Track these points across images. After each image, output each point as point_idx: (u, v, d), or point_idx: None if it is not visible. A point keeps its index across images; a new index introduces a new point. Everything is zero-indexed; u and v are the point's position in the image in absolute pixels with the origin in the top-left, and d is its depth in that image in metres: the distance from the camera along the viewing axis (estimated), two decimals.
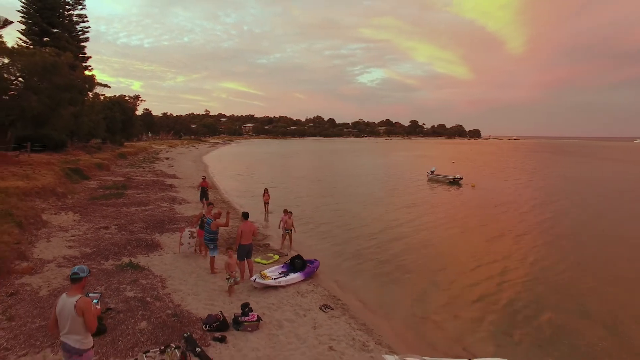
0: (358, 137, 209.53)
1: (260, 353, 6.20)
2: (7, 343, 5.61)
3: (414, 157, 64.95)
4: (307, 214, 18.52)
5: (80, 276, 4.19)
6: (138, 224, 13.40)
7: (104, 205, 16.42)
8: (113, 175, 26.97)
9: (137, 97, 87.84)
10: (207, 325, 6.76)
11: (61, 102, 21.97)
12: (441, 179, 31.11)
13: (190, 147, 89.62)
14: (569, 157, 73.43)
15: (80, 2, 36.53)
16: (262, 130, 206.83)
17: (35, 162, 20.87)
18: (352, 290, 9.69)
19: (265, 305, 8.09)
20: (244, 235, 9.30)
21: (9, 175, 15.96)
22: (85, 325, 4.06)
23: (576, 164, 57.18)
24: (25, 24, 31.77)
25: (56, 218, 13.01)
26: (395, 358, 6.11)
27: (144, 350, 5.60)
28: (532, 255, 12.79)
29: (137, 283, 8.26)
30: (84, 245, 10.44)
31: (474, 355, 6.72)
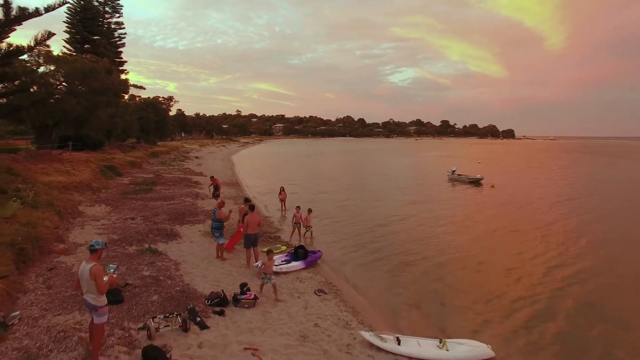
0: (388, 137, 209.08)
1: (252, 325, 7.14)
2: (45, 305, 6.88)
3: (440, 157, 64.45)
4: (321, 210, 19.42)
5: (95, 248, 5.29)
6: (161, 216, 14.79)
7: (133, 199, 18.06)
8: (144, 173, 29.08)
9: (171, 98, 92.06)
10: (209, 301, 7.80)
11: (98, 104, 24.20)
12: (461, 179, 31.23)
13: (220, 146, 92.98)
14: (602, 158, 70.54)
15: (118, 11, 39.56)
16: (292, 130, 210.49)
17: (75, 160, 23.06)
18: (348, 279, 10.49)
19: (265, 287, 9.03)
20: (250, 225, 10.32)
21: (52, 171, 17.95)
22: (97, 287, 5.14)
23: (608, 164, 54.86)
24: (69, 33, 34.92)
25: (90, 209, 14.66)
26: (371, 334, 6.90)
27: (152, 317, 6.68)
28: (520, 249, 13.34)
29: (154, 265, 9.47)
30: (112, 232, 11.86)
31: (447, 336, 7.35)
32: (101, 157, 27.57)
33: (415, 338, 7.02)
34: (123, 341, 6.02)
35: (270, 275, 8.39)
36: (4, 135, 38.17)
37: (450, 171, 33.02)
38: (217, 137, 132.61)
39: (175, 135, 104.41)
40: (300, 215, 13.92)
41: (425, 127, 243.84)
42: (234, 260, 10.84)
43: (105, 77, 24.71)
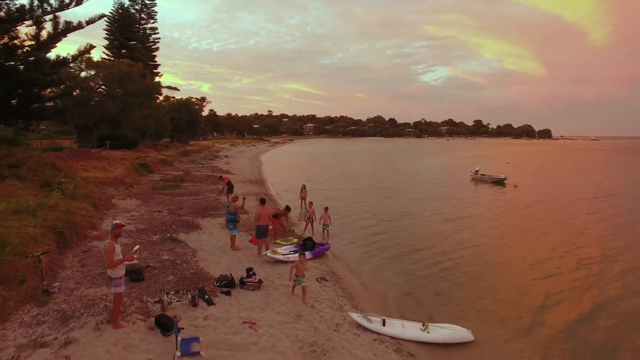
0: (419, 137, 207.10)
1: (254, 304, 8.05)
2: (79, 279, 8.13)
3: (468, 158, 63.55)
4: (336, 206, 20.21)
5: (110, 228, 6.40)
6: (185, 209, 16.11)
7: (161, 194, 19.60)
8: (174, 170, 31.00)
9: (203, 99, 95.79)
10: (218, 282, 8.79)
11: (133, 106, 26.21)
12: (484, 179, 31.11)
13: (250, 146, 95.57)
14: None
15: (153, 17, 42.24)
16: (322, 130, 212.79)
17: (112, 158, 25.11)
18: (352, 269, 11.22)
19: (272, 274, 9.94)
20: (261, 217, 11.28)
21: (91, 168, 19.83)
22: (107, 262, 6.21)
23: None
24: (108, 40, 37.80)
25: (122, 202, 16.22)
26: (359, 315, 7.64)
27: (166, 292, 7.75)
28: (523, 245, 13.53)
29: (173, 251, 10.63)
30: (140, 223, 13.22)
31: (431, 319, 7.93)
32: (135, 156, 29.69)
33: (401, 321, 7.68)
34: (140, 310, 7.11)
35: (302, 278, 8.38)
36: (52, 135, 41.77)
37: (474, 171, 32.92)
38: (249, 137, 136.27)
39: (208, 135, 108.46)
40: (313, 210, 14.74)
41: (458, 127, 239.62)
42: (247, 250, 11.82)
43: (139, 80, 26.75)
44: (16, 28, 15.42)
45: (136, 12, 40.94)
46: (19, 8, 15.45)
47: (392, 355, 6.61)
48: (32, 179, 12.12)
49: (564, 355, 6.98)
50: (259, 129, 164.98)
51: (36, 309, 6.64)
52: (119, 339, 6.11)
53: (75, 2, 16.07)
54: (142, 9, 41.44)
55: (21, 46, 15.56)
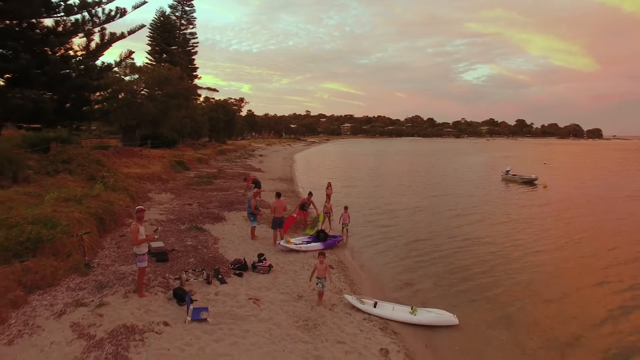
0: (457, 138, 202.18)
1: (261, 285, 9.09)
2: (115, 258, 9.56)
3: (505, 158, 62.25)
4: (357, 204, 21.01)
5: (135, 212, 7.67)
6: (214, 203, 17.55)
7: (194, 189, 21.28)
8: (209, 168, 33.01)
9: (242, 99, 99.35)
10: (232, 265, 9.93)
11: (171, 107, 28.38)
12: (515, 179, 30.86)
13: (286, 145, 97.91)
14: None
15: (192, 22, 45.09)
16: (359, 130, 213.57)
17: (152, 155, 27.36)
18: (360, 260, 11.99)
19: (284, 260, 10.96)
20: (276, 210, 12.38)
21: (132, 165, 21.93)
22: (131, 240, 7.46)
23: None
24: (151, 45, 40.92)
25: (157, 196, 17.96)
26: (353, 298, 8.46)
27: (185, 271, 8.98)
28: (527, 241, 13.53)
29: (197, 238, 11.94)
30: (170, 214, 14.75)
31: (423, 304, 8.57)
32: (174, 154, 31.98)
33: (392, 304, 8.40)
34: (162, 285, 8.37)
35: (324, 280, 8.24)
36: (102, 134, 45.62)
37: (504, 171, 32.70)
38: (286, 137, 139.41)
39: (246, 135, 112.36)
40: (330, 206, 15.59)
41: (499, 126, 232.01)
42: (264, 240, 12.91)
43: (177, 83, 28.91)
44: (71, 40, 17.61)
45: (176, 18, 43.94)
46: (73, 23, 17.63)
47: (377, 332, 7.37)
48: (80, 173, 13.99)
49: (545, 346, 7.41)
50: (297, 128, 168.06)
51: (79, 278, 8.07)
52: (142, 305, 7.36)
53: (120, 14, 18.02)
54: (182, 15, 44.41)
55: (74, 56, 17.75)
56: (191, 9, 45.20)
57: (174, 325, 6.80)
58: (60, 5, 17.52)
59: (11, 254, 7.30)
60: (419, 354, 6.81)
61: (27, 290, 6.96)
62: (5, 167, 12.41)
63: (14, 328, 6.04)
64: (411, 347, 7.00)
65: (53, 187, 11.39)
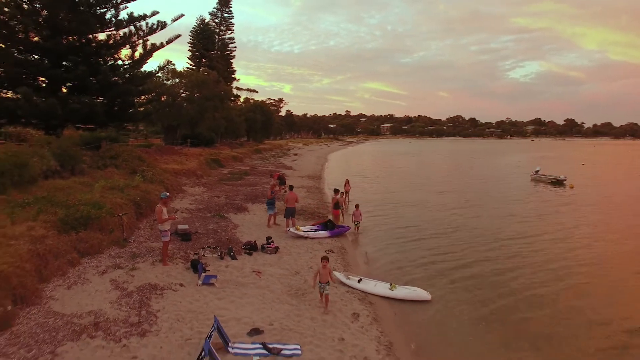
0: (500, 138, 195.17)
1: (266, 262, 10.73)
2: (147, 236, 11.62)
3: (542, 158, 60.39)
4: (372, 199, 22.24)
5: (161, 197, 9.55)
6: (240, 196, 19.54)
7: (225, 184, 23.50)
8: (243, 165, 35.46)
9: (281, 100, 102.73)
10: (244, 246, 11.66)
11: (207, 108, 31.03)
12: (543, 179, 30.68)
13: (322, 145, 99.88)
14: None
15: (230, 28, 48.19)
16: (399, 130, 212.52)
17: (190, 154, 30.09)
18: (362, 247, 13.32)
19: (291, 245, 12.54)
20: (289, 200, 14.03)
21: (171, 162, 24.54)
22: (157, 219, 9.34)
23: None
24: (191, 51, 44.39)
25: (191, 189, 20.26)
26: (341, 274, 9.87)
27: (202, 248, 10.83)
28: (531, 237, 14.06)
29: (218, 224, 13.84)
30: (199, 204, 16.85)
31: (406, 284, 9.79)
32: (211, 152, 34.72)
33: (375, 281, 9.71)
34: (182, 258, 10.24)
35: (326, 284, 8.10)
36: (148, 134, 49.89)
37: (534, 171, 32.56)
38: (324, 137, 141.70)
39: (285, 134, 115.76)
40: (343, 199, 17.01)
41: (546, 126, 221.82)
42: (279, 228, 14.58)
43: (213, 86, 31.52)
44: (119, 51, 20.40)
45: (216, 25, 47.24)
46: (122, 36, 20.39)
47: (355, 301, 8.74)
48: (125, 167, 16.46)
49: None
50: (335, 128, 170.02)
51: (118, 249, 10.15)
52: (165, 271, 9.24)
53: (160, 27, 20.55)
54: (222, 21, 47.67)
55: (122, 65, 20.52)
56: (230, 15, 48.48)
57: (188, 287, 8.59)
58: (112, 21, 20.36)
59: (69, 227, 9.46)
60: (385, 319, 8.11)
61: (80, 254, 9.08)
62: (66, 161, 15.03)
63: (71, 279, 8.11)
64: (381, 314, 8.31)
65: (101, 178, 13.78)
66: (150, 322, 6.85)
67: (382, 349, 6.85)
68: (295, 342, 6.71)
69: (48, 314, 6.70)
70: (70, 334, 6.17)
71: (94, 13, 19.01)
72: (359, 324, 7.65)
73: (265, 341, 6.59)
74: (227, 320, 7.22)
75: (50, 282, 7.81)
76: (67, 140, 15.64)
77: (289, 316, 7.73)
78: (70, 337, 6.10)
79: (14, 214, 9.21)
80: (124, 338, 6.28)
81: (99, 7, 19.32)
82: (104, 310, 7.06)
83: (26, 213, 9.30)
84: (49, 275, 7.86)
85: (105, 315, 6.88)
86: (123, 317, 6.92)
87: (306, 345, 6.63)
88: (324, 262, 8.21)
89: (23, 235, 8.23)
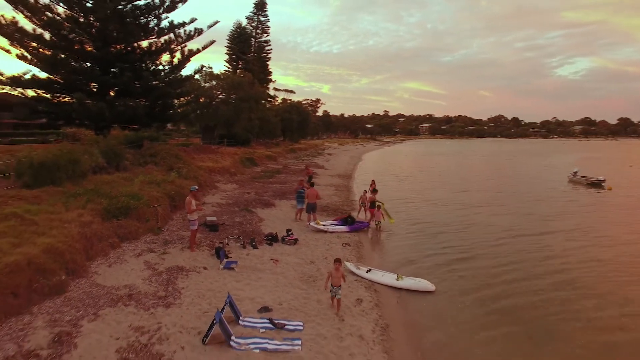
0: (545, 138, 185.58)
1: (284, 252, 11.66)
2: (179, 226, 12.91)
3: (586, 159, 57.16)
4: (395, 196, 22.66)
5: (191, 190, 10.72)
6: (269, 193, 20.67)
7: (257, 182, 24.79)
8: (276, 164, 36.83)
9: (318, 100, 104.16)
10: (266, 237, 12.66)
11: (242, 109, 32.66)
12: (581, 180, 29.70)
13: (358, 145, 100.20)
14: None
15: (266, 31, 50.08)
16: (438, 130, 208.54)
17: (226, 153, 31.81)
18: (378, 243, 13.93)
19: (311, 238, 13.41)
20: (310, 196, 14.94)
21: (207, 160, 26.22)
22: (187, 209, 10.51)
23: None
24: (228, 54, 46.64)
25: (223, 186, 21.67)
26: (351, 265, 10.60)
27: (227, 237, 11.94)
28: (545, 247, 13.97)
29: (245, 217, 14.97)
30: (229, 199, 18.13)
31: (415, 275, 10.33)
32: (246, 151, 36.38)
33: (383, 272, 10.34)
34: (208, 245, 11.39)
35: (338, 288, 7.93)
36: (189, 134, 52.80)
37: (572, 172, 31.54)
38: (362, 137, 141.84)
39: (322, 134, 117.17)
40: (366, 197, 17.62)
41: (596, 126, 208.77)
42: (302, 222, 15.50)
43: (248, 88, 33.13)
44: (160, 57, 22.24)
45: (252, 28, 49.27)
46: (162, 43, 22.22)
47: (361, 289, 9.44)
48: (162, 164, 18.09)
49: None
50: (373, 128, 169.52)
51: (152, 236, 11.47)
52: (191, 256, 10.40)
53: (197, 33, 22.17)
54: (258, 25, 49.62)
55: (162, 70, 22.37)
56: (265, 18, 50.41)
57: (210, 270, 9.68)
58: (154, 29, 22.24)
59: (112, 215, 10.88)
60: (386, 305, 8.76)
61: (120, 238, 10.44)
62: (112, 159, 16.83)
63: (112, 259, 9.45)
64: (384, 301, 8.97)
65: (141, 174, 15.34)
66: (175, 297, 7.96)
67: (377, 329, 7.54)
68: (299, 319, 7.56)
69: (92, 285, 7.98)
70: (109, 302, 7.38)
71: (138, 23, 20.94)
72: (361, 308, 8.36)
73: (273, 317, 7.48)
74: (241, 299, 8.20)
75: (95, 260, 9.17)
76: (112, 140, 17.46)
77: (297, 298, 8.58)
78: (109, 303, 7.30)
79: (67, 202, 10.75)
80: (152, 307, 7.40)
81: (143, 18, 21.23)
82: (137, 285, 8.26)
83: (77, 202, 10.81)
84: (94, 255, 9.23)
85: (138, 289, 8.06)
86: (152, 291, 8.08)
87: (308, 323, 7.45)
88: (336, 265, 7.96)
89: (74, 220, 9.67)
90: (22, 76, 19.98)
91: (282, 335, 6.93)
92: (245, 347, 6.40)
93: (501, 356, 7.04)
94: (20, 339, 5.91)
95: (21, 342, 5.85)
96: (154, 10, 21.23)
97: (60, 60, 19.73)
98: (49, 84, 20.37)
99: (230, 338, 6.52)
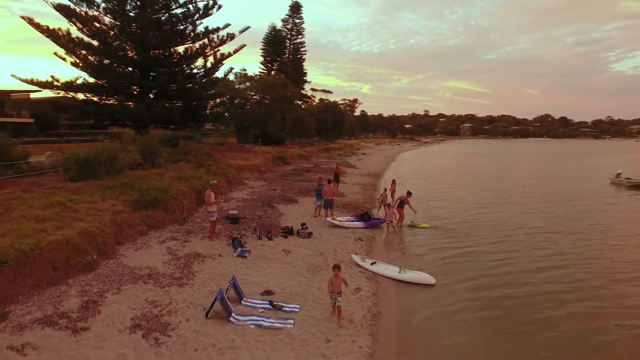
0: (597, 139, 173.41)
1: (298, 244, 12.41)
2: (203, 219, 14.01)
3: (633, 161, 53.00)
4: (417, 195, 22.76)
5: (210, 184, 11.74)
6: (294, 190, 21.56)
7: (285, 180, 25.77)
8: (308, 163, 37.74)
9: (355, 100, 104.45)
10: (281, 230, 13.49)
11: (275, 110, 33.91)
12: (623, 182, 28.20)
13: (395, 145, 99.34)
14: None
15: (301, 32, 51.30)
16: (480, 130, 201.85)
17: (258, 151, 33.14)
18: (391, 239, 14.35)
19: (326, 232, 14.08)
20: (327, 193, 15.59)
21: (239, 158, 27.58)
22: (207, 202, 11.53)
23: None
24: (263, 57, 48.31)
25: (252, 183, 22.83)
26: (357, 257, 11.16)
27: (245, 229, 12.88)
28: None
29: (266, 212, 15.90)
30: (254, 195, 19.17)
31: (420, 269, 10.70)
32: (279, 150, 37.59)
33: (387, 264, 10.80)
34: (227, 236, 12.38)
35: (338, 295, 7.57)
36: (227, 134, 55.14)
37: (615, 174, 29.94)
38: (400, 137, 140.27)
39: (359, 134, 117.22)
40: (385, 196, 18.02)
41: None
42: (320, 218, 16.18)
43: (281, 89, 34.36)
44: (194, 61, 23.83)
45: (287, 30, 50.70)
46: (197, 48, 23.79)
47: (362, 279, 9.98)
48: (194, 161, 19.49)
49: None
50: (412, 128, 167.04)
51: (177, 226, 12.65)
52: (210, 245, 11.41)
53: (230, 38, 23.52)
54: (293, 27, 50.97)
55: (197, 73, 23.94)
56: (300, 20, 51.75)
57: (225, 257, 10.63)
58: (190, 35, 23.86)
59: (141, 206, 12.16)
60: (383, 295, 9.24)
61: (147, 227, 11.67)
62: (148, 156, 18.43)
63: (138, 244, 10.65)
64: (382, 291, 9.46)
65: (172, 170, 16.73)
66: (189, 278, 8.94)
67: (369, 315, 8.08)
68: (297, 303, 8.26)
69: (119, 265, 9.14)
70: (131, 279, 8.48)
71: (175, 30, 22.62)
72: (358, 296, 8.93)
73: (273, 300, 8.25)
74: (248, 282, 9.04)
75: (123, 245, 10.40)
76: (149, 138, 19.07)
77: (300, 285, 9.29)
78: (130, 281, 8.40)
79: (104, 194, 12.15)
80: (167, 286, 8.41)
81: (179, 24, 22.89)
82: (157, 267, 9.34)
83: (112, 193, 12.19)
84: (123, 240, 10.46)
85: (157, 270, 9.13)
86: (170, 273, 9.12)
87: (305, 307, 8.14)
88: (335, 271, 7.68)
89: (108, 209, 10.98)
90: (74, 81, 22.29)
91: (278, 315, 7.67)
92: (242, 323, 7.20)
93: (486, 346, 7.35)
94: (57, 303, 7.13)
95: (57, 305, 7.06)
96: (189, 17, 22.84)
97: (106, 65, 21.77)
98: (96, 88, 22.55)
99: (231, 315, 7.34)
